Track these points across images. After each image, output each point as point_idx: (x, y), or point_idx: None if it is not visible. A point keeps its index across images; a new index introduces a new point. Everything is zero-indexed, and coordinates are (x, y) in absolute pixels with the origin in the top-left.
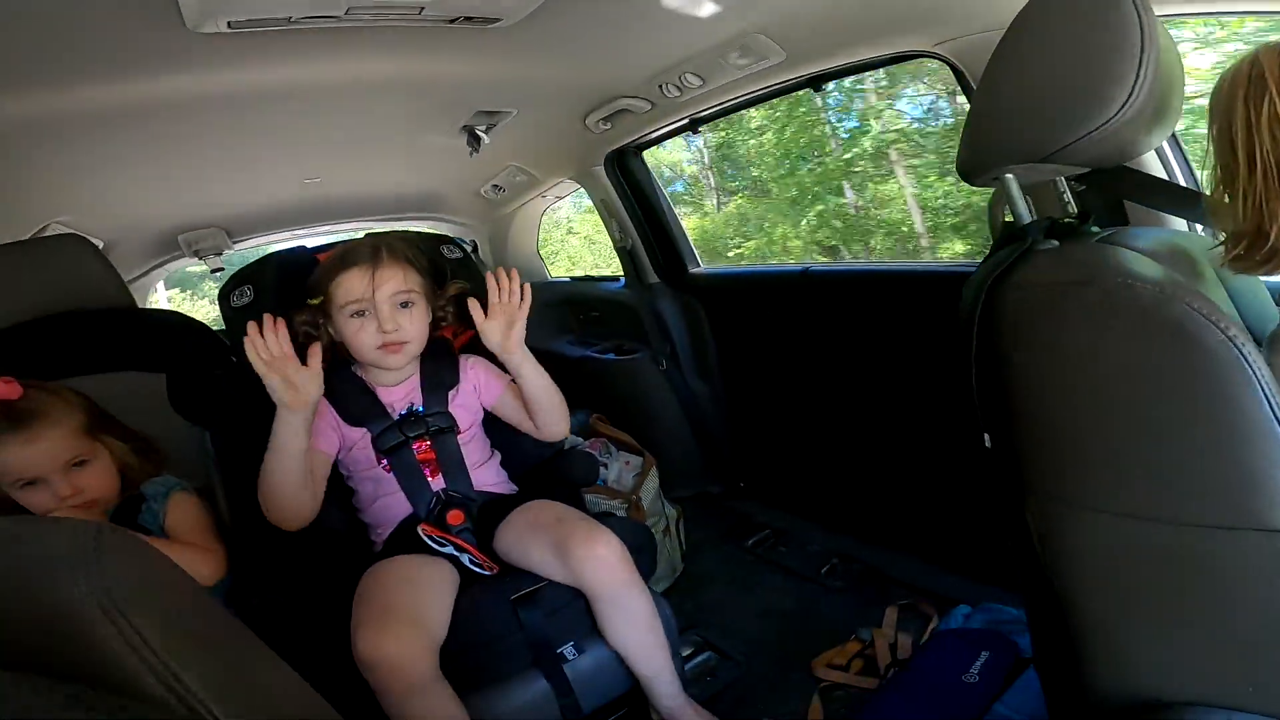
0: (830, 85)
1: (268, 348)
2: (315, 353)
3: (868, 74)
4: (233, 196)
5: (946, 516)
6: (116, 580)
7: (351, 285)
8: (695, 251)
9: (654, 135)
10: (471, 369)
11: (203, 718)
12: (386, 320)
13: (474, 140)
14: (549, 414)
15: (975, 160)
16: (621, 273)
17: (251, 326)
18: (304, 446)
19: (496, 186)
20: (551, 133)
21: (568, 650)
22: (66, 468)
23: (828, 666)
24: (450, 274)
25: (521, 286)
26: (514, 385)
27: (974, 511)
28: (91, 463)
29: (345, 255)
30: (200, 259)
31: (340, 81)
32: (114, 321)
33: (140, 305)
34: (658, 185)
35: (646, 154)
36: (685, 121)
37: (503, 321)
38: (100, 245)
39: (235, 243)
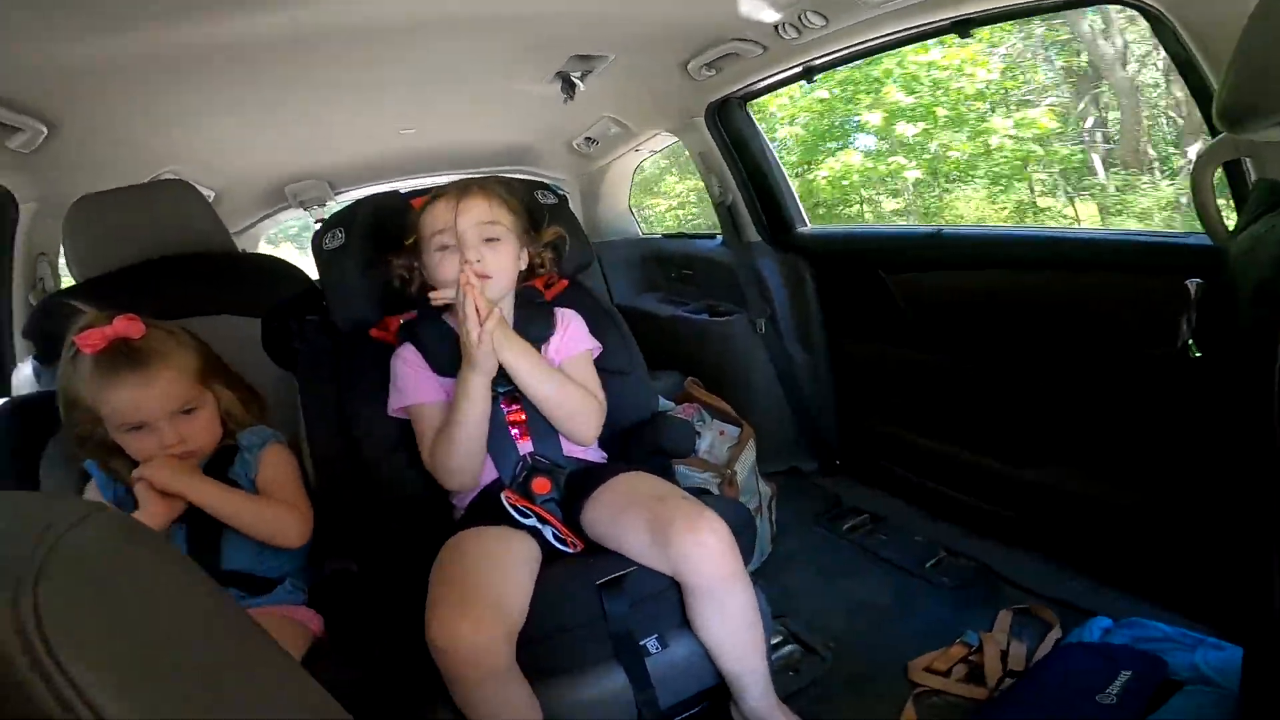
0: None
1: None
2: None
3: None
4: (334, 147)
5: (1087, 513)
6: (54, 613)
7: (437, 215)
8: (803, 210)
9: (762, 84)
10: (565, 323)
11: None
12: (470, 249)
13: (569, 87)
14: (560, 424)
15: (1250, 101)
16: (718, 229)
17: (467, 278)
18: (489, 407)
19: (589, 139)
20: (650, 81)
21: (651, 643)
22: (175, 415)
23: (926, 670)
24: (547, 220)
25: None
26: (588, 357)
27: (1138, 513)
28: (199, 411)
29: (437, 190)
30: (305, 210)
31: (434, 18)
32: (213, 265)
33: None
34: (764, 140)
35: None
36: (799, 69)
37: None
38: (211, 196)
39: (337, 194)
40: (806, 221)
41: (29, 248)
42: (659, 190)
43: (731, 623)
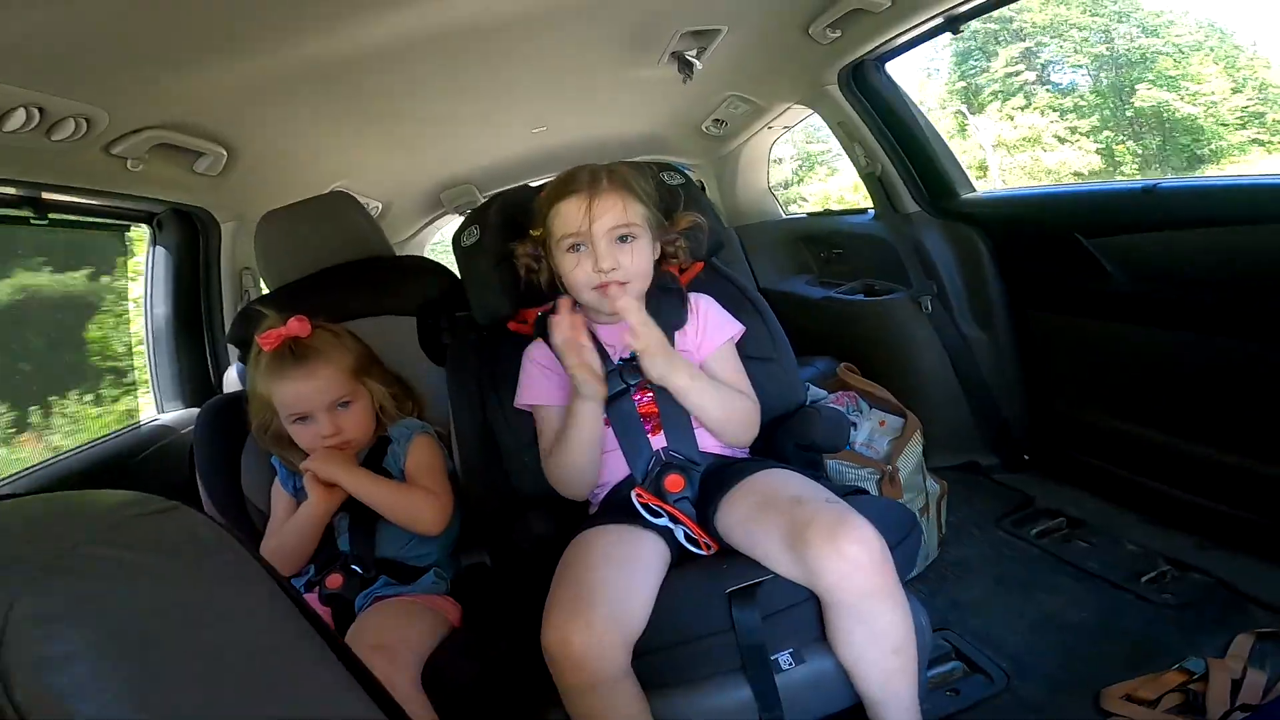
0: None
1: (572, 333)
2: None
3: None
4: (476, 151)
5: None
6: (34, 696)
7: (568, 216)
8: (969, 174)
9: (898, 42)
10: (700, 310)
11: None
12: (604, 257)
13: (685, 67)
14: (717, 431)
15: None
16: (870, 204)
17: (563, 312)
18: (601, 430)
19: (718, 121)
20: (770, 50)
21: (783, 658)
22: (332, 407)
23: (1125, 699)
24: (675, 204)
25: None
26: (732, 349)
27: None
28: (353, 405)
29: (564, 181)
30: (459, 214)
31: (538, 10)
32: (375, 269)
33: None
34: (910, 101)
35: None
36: (940, 20)
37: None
38: (379, 208)
39: (485, 196)
40: (974, 186)
41: (233, 263)
42: None
43: (877, 644)
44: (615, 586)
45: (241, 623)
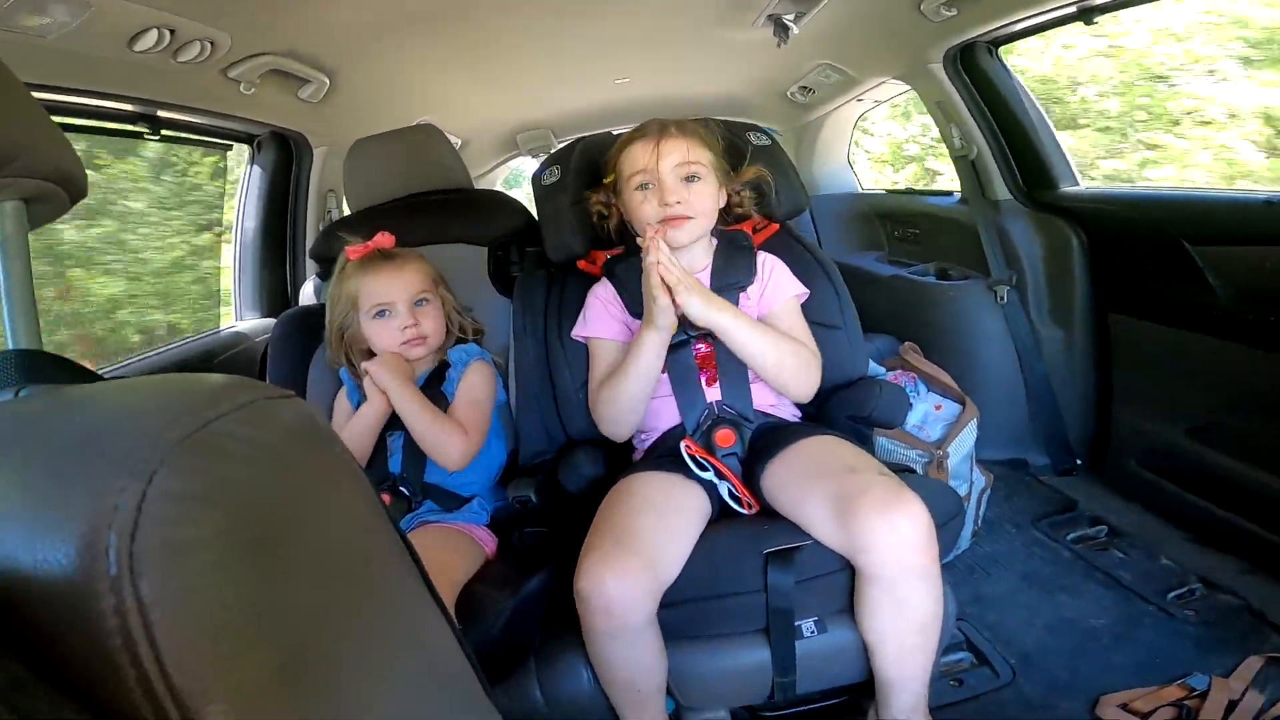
0: None
1: (669, 265)
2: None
3: None
4: (556, 98)
5: None
6: (161, 589)
7: (635, 156)
8: (1074, 167)
9: (1019, 27)
10: (767, 268)
11: None
12: (669, 191)
13: (781, 30)
14: (775, 381)
15: None
16: (957, 187)
17: (654, 240)
18: (660, 365)
19: (805, 88)
20: (875, 23)
21: (806, 625)
22: (412, 301)
23: (1119, 708)
24: (751, 160)
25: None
26: (795, 305)
27: None
28: (431, 303)
29: (635, 130)
30: (533, 156)
31: None
32: (454, 199)
33: None
34: (1020, 87)
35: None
36: (1072, 9)
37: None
38: (459, 144)
39: (559, 142)
40: (1078, 180)
41: (321, 184)
42: None
43: (905, 623)
44: (654, 534)
45: (350, 521)
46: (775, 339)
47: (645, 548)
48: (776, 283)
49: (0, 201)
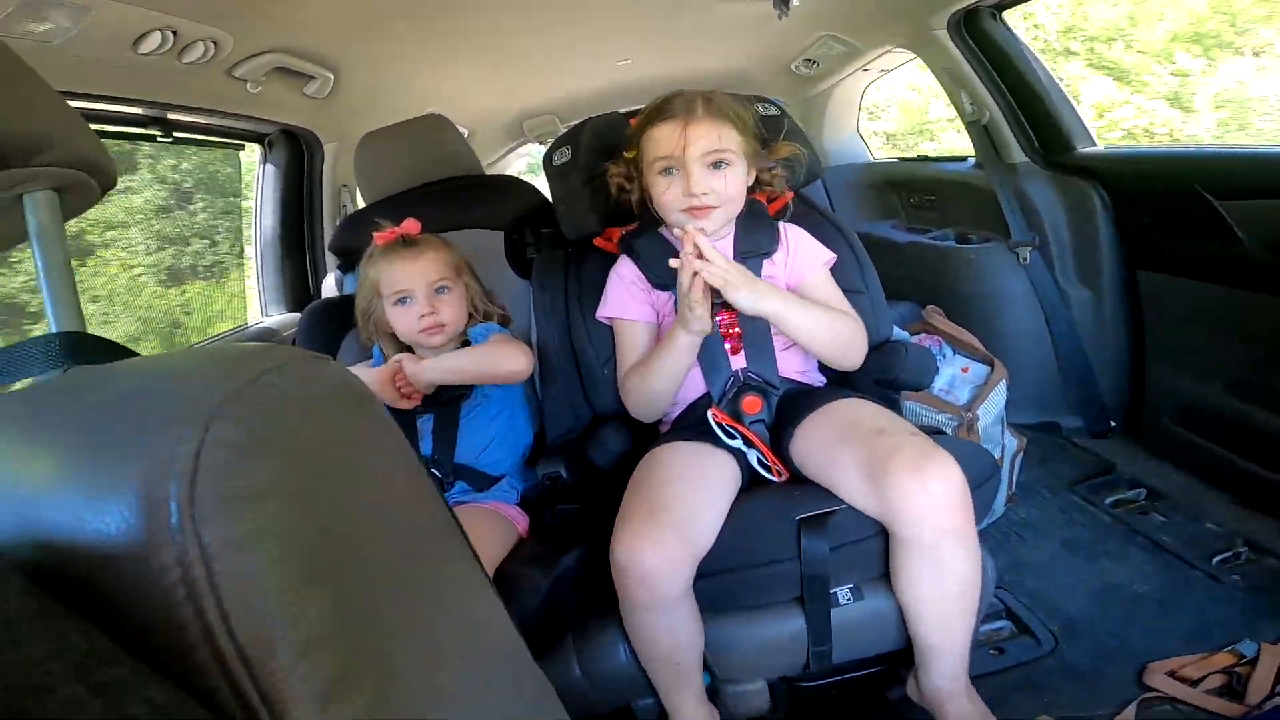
0: None
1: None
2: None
3: None
4: (560, 83)
5: None
6: (223, 538)
7: (661, 140)
8: (1090, 127)
9: None
10: (791, 238)
11: None
12: (696, 182)
13: (782, 3)
14: (827, 356)
15: None
16: (971, 152)
17: (691, 236)
18: (692, 362)
19: (809, 61)
20: None
21: (842, 593)
22: (431, 288)
23: (1168, 675)
24: (776, 133)
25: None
26: (827, 275)
27: None
28: (451, 290)
29: (661, 106)
30: (540, 143)
31: None
32: (466, 186)
33: None
34: (1026, 50)
35: None
36: None
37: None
38: (466, 133)
39: (565, 127)
40: (1095, 140)
41: (334, 180)
42: None
43: (943, 588)
44: (687, 503)
45: (396, 483)
46: (826, 315)
47: (679, 518)
48: (805, 251)
49: (33, 191)
